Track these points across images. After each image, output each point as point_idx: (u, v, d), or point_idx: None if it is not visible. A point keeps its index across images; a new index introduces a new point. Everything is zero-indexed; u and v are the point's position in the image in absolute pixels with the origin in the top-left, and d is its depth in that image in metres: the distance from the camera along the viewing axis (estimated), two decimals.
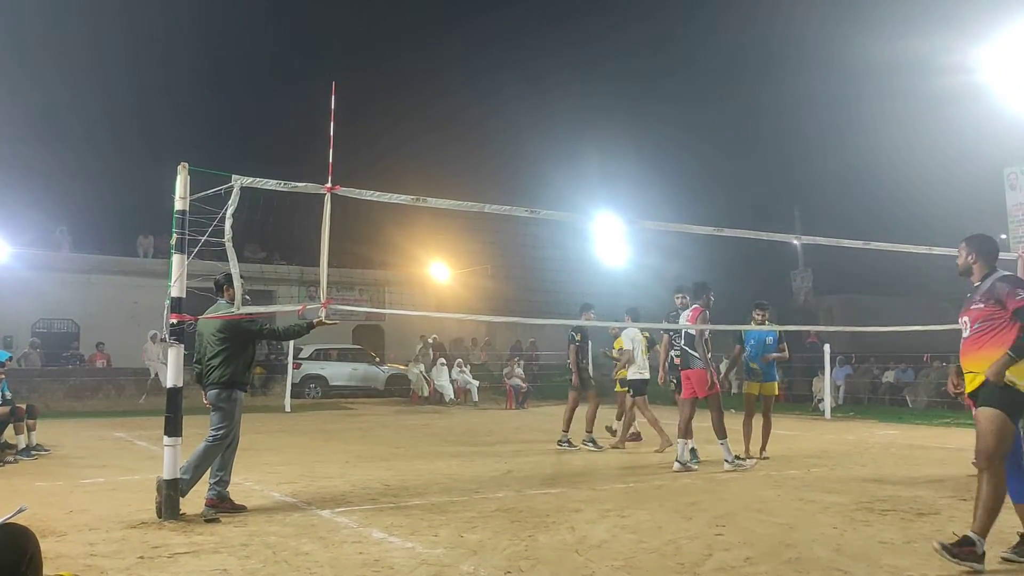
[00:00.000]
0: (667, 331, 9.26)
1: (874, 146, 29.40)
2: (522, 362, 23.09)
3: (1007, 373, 4.82)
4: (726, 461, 8.79)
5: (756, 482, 8.04)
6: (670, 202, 28.34)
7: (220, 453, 6.56)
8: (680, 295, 9.69)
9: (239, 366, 6.64)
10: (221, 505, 6.41)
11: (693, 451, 8.95)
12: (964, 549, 4.68)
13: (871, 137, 29.60)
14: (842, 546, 5.27)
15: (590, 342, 11.30)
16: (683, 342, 9.03)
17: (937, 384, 19.64)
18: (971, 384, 5.05)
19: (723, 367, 11.31)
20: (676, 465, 8.73)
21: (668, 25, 41.01)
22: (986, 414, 4.87)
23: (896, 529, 5.81)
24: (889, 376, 21.41)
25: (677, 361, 9.13)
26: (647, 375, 10.84)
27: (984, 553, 4.68)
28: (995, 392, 4.86)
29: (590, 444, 10.76)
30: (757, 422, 9.66)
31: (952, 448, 11.12)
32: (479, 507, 6.65)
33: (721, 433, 8.83)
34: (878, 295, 29.38)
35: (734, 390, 15.55)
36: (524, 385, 21.48)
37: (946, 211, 24.68)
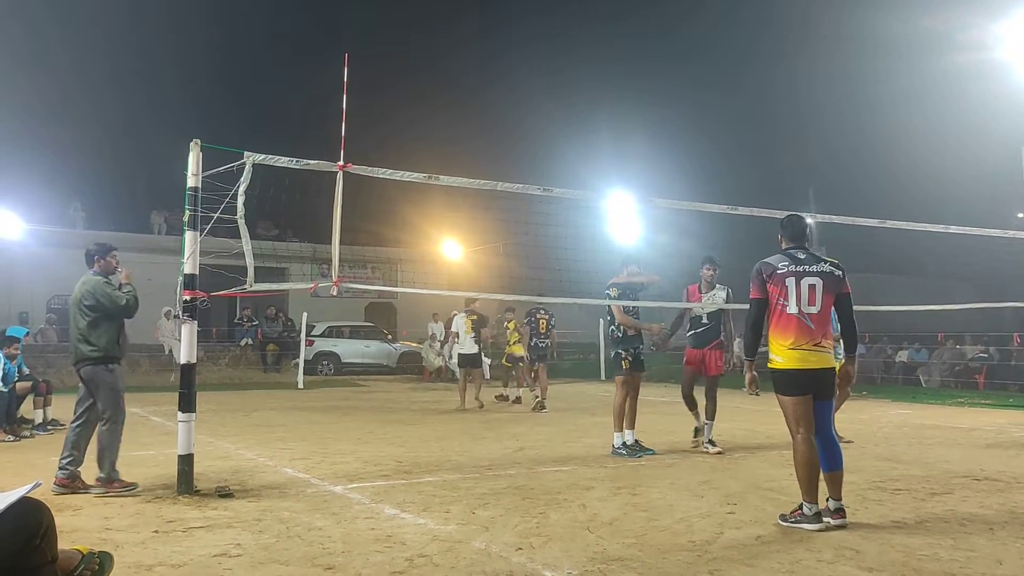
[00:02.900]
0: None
1: (891, 124, 29.13)
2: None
3: (771, 355, 5.33)
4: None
5: (768, 461, 8.04)
6: (684, 180, 28.22)
7: (121, 428, 6.37)
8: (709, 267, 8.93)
9: (111, 338, 6.41)
10: (72, 485, 6.19)
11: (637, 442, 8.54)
12: (794, 512, 5.23)
13: (888, 115, 29.38)
14: (854, 525, 5.26)
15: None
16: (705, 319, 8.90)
17: (951, 364, 19.56)
18: None
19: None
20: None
21: (683, 5, 40.57)
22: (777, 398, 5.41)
23: (908, 508, 5.80)
24: (902, 355, 21.32)
25: (616, 337, 8.45)
26: (470, 351, 13.85)
27: (816, 515, 5.12)
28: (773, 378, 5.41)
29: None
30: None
31: (965, 428, 11.08)
32: (491, 484, 6.68)
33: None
34: (892, 274, 29.18)
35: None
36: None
37: (963, 188, 24.48)
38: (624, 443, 8.28)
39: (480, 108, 35.88)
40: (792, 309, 5.25)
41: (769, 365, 5.38)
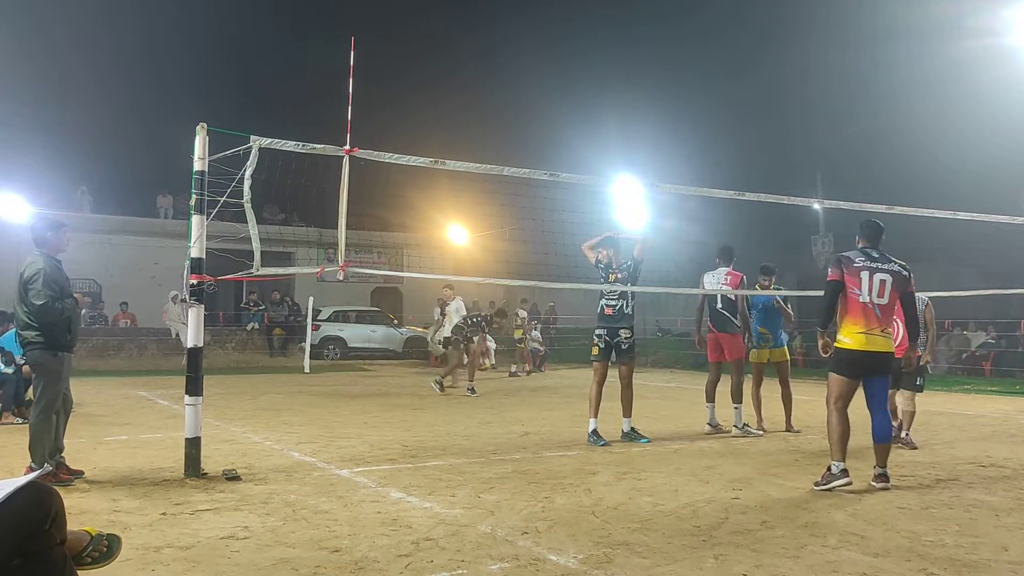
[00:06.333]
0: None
1: (900, 110, 28.89)
2: (540, 325, 23.10)
3: (838, 336, 6.16)
4: (735, 427, 8.86)
5: (773, 447, 8.04)
6: (691, 166, 28.10)
7: (52, 420, 6.06)
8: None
9: (58, 324, 6.07)
10: (57, 472, 5.94)
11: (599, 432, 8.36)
12: (823, 475, 5.98)
13: (897, 100, 29.11)
14: (859, 511, 5.27)
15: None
16: (720, 306, 8.96)
17: (958, 351, 19.52)
18: None
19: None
20: (706, 428, 8.91)
21: None
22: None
23: (914, 495, 5.80)
24: None
25: (616, 308, 8.31)
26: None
27: (842, 471, 5.90)
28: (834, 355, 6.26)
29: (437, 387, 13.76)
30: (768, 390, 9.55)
31: (971, 415, 11.07)
32: (496, 468, 6.70)
33: (737, 398, 8.89)
34: (900, 260, 29.00)
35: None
36: (542, 348, 21.50)
37: (973, 172, 24.32)
38: (595, 430, 8.12)
39: (488, 94, 35.75)
40: (864, 299, 6.03)
41: (835, 344, 6.20)
